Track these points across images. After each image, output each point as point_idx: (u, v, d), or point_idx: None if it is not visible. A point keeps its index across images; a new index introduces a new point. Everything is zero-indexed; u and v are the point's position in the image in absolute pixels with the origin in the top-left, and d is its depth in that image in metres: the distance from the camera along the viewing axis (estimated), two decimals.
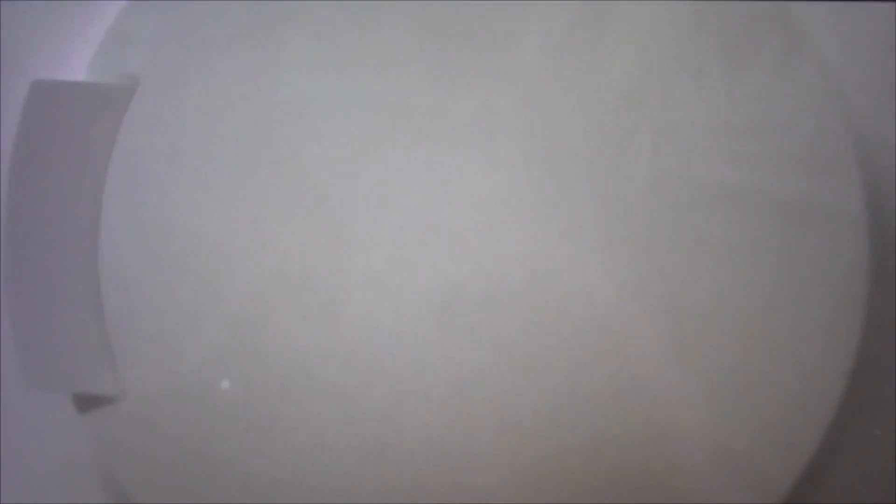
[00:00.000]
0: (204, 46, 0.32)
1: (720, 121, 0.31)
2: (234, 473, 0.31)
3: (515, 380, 0.31)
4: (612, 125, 0.31)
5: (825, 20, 0.32)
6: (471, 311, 0.31)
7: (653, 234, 0.31)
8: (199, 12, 0.33)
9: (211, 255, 0.32)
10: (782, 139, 0.31)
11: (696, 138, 0.31)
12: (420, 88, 0.32)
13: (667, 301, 0.31)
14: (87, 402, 0.32)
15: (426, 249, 0.31)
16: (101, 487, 0.34)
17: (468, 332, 0.31)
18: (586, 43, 0.32)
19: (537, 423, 0.31)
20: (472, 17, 0.32)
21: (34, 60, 0.32)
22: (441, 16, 0.32)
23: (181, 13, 0.33)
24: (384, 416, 0.31)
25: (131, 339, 0.32)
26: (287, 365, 0.31)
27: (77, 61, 0.32)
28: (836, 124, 0.30)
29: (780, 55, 0.31)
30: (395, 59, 0.32)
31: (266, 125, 0.32)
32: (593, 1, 0.32)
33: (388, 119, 0.32)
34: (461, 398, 0.31)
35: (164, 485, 0.31)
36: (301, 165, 0.32)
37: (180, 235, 0.32)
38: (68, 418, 0.32)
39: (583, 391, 0.31)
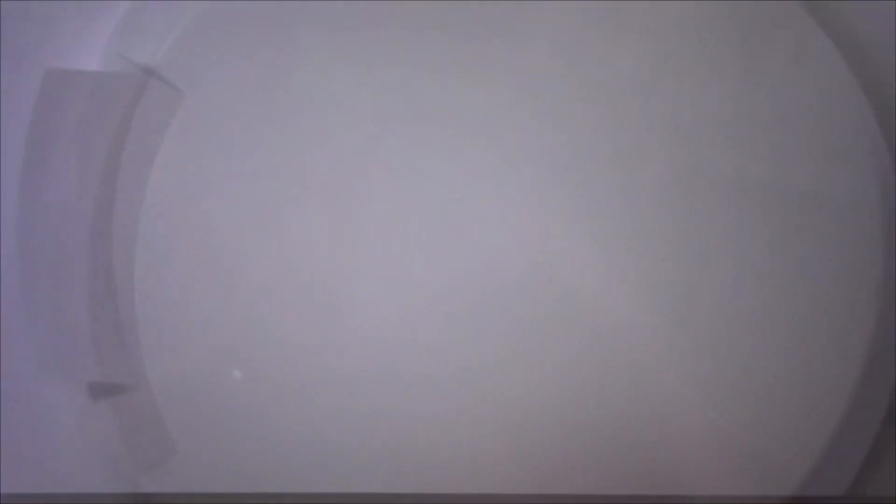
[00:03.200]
0: (216, 40, 0.32)
1: (734, 113, 0.31)
2: (244, 463, 0.31)
3: (525, 373, 0.31)
4: (624, 119, 0.31)
5: (843, 12, 0.31)
6: (479, 305, 0.31)
7: (667, 229, 0.31)
8: (211, 6, 0.33)
9: (224, 248, 0.32)
10: (798, 131, 0.31)
11: (709, 131, 0.31)
12: (429, 86, 0.32)
13: (680, 295, 0.31)
14: (100, 392, 0.32)
15: (434, 244, 0.31)
16: (112, 476, 0.34)
17: (475, 325, 0.31)
18: (600, 37, 0.31)
19: (545, 418, 0.31)
20: (483, 12, 0.32)
21: (47, 50, 0.33)
22: (451, 13, 0.32)
23: (193, 6, 0.33)
24: (393, 409, 0.31)
25: (144, 331, 0.32)
26: (299, 359, 0.31)
27: (89, 51, 0.32)
28: (854, 116, 0.30)
29: (798, 47, 0.30)
30: (406, 55, 0.32)
31: (277, 120, 0.32)
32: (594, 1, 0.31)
33: (399, 115, 0.32)
34: (468, 390, 0.31)
35: (176, 475, 0.32)
36: (312, 160, 0.32)
37: (195, 229, 0.32)
38: (80, 406, 0.32)
39: (594, 387, 0.31)
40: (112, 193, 0.32)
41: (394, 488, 0.31)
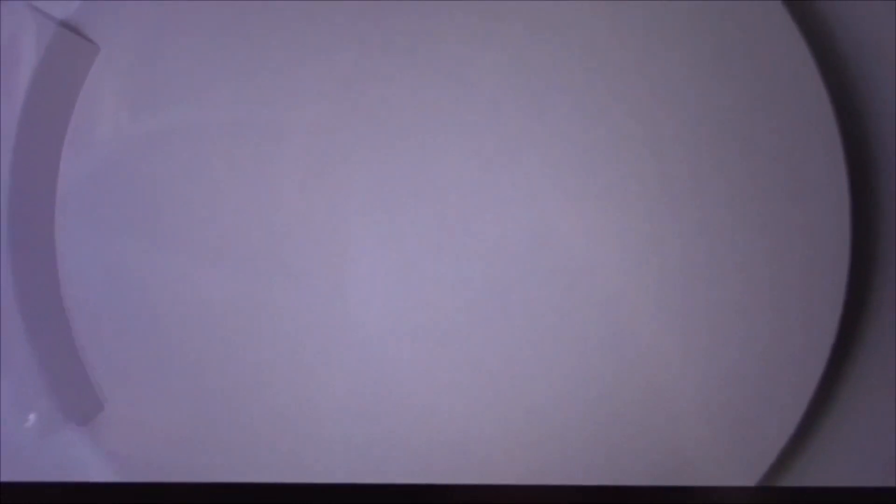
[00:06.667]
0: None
1: (714, 111, 0.31)
2: (242, 457, 0.32)
3: (522, 366, 0.31)
4: (607, 115, 0.31)
5: (821, 12, 0.32)
6: (480, 296, 0.31)
7: (652, 225, 0.31)
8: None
9: (143, 211, 0.31)
10: (768, 136, 0.31)
11: (691, 129, 0.31)
12: (415, 90, 0.31)
13: (675, 288, 0.31)
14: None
15: (428, 250, 0.32)
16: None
17: (476, 318, 0.31)
18: (578, 43, 0.31)
19: (543, 410, 0.32)
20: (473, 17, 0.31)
21: None
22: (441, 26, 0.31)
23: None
24: (392, 399, 0.32)
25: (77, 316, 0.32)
26: (301, 364, 0.32)
27: None
28: (825, 120, 0.30)
29: (769, 52, 0.30)
30: (393, 58, 0.31)
31: (250, 115, 0.31)
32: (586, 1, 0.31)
33: (389, 116, 0.31)
34: (469, 382, 0.32)
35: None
36: (234, 118, 0.31)
37: (116, 192, 0.31)
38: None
39: (595, 380, 0.31)
40: (27, 155, 0.31)
41: (396, 480, 0.31)
